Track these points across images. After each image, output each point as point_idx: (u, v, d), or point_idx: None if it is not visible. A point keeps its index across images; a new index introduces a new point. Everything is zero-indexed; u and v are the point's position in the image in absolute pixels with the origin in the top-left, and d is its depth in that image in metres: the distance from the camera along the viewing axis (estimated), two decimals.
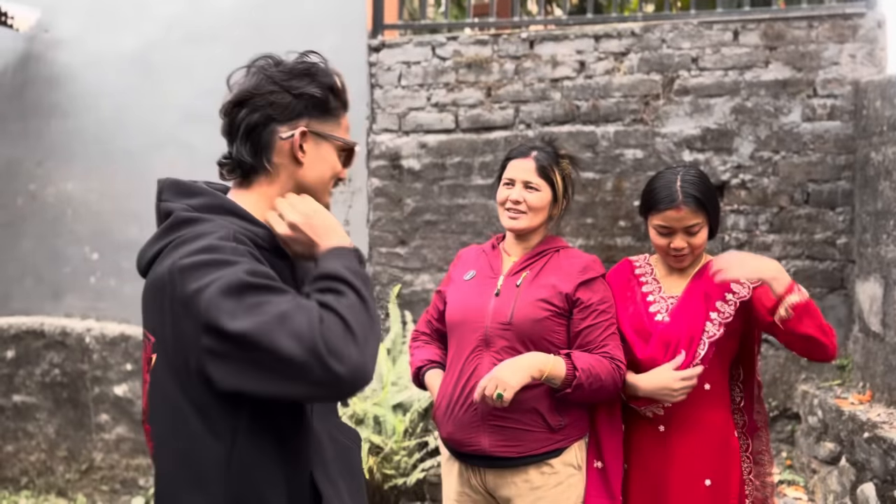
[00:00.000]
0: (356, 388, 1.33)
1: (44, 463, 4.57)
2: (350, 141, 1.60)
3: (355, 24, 4.28)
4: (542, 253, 2.31)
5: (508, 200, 2.30)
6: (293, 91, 1.51)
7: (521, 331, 2.18)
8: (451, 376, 2.27)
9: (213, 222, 1.43)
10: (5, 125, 4.73)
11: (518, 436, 2.16)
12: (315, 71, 1.56)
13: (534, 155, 2.30)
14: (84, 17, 4.60)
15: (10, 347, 4.59)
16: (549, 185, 2.28)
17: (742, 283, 2.19)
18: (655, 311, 2.30)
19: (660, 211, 2.21)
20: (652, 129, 3.94)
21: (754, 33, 3.85)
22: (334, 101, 1.58)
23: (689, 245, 2.21)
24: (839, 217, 3.76)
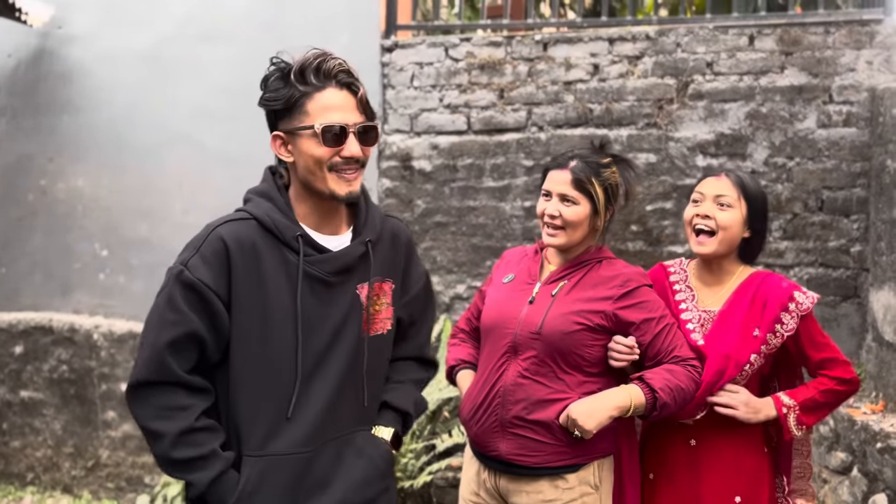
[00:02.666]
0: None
1: (50, 459, 4.57)
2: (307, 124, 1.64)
3: (368, 25, 4.27)
4: (583, 263, 2.20)
5: (545, 214, 2.19)
6: (264, 103, 1.68)
7: (549, 342, 2.11)
8: (478, 379, 2.24)
9: (255, 204, 1.71)
10: (18, 121, 4.73)
11: (536, 446, 2.11)
12: (274, 75, 1.67)
13: (572, 166, 2.16)
14: (98, 13, 4.61)
15: (19, 343, 4.59)
16: (588, 198, 2.14)
17: (791, 313, 2.15)
18: (687, 319, 2.23)
19: (702, 181, 2.24)
20: (665, 134, 3.91)
21: (770, 38, 3.83)
22: (294, 92, 1.64)
23: (716, 219, 2.15)
24: (854, 225, 3.73)
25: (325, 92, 1.65)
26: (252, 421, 1.66)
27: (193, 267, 1.63)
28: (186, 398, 1.63)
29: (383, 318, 1.81)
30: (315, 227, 1.73)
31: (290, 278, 1.67)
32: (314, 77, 1.64)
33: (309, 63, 1.64)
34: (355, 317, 1.74)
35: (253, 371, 1.66)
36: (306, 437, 1.68)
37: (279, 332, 1.66)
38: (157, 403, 1.62)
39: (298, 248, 1.67)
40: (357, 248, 1.74)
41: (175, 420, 1.61)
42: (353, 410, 1.77)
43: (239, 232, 1.66)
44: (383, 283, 1.80)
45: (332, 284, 1.71)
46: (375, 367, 1.81)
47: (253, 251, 1.65)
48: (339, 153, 1.64)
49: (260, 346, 1.66)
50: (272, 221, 1.67)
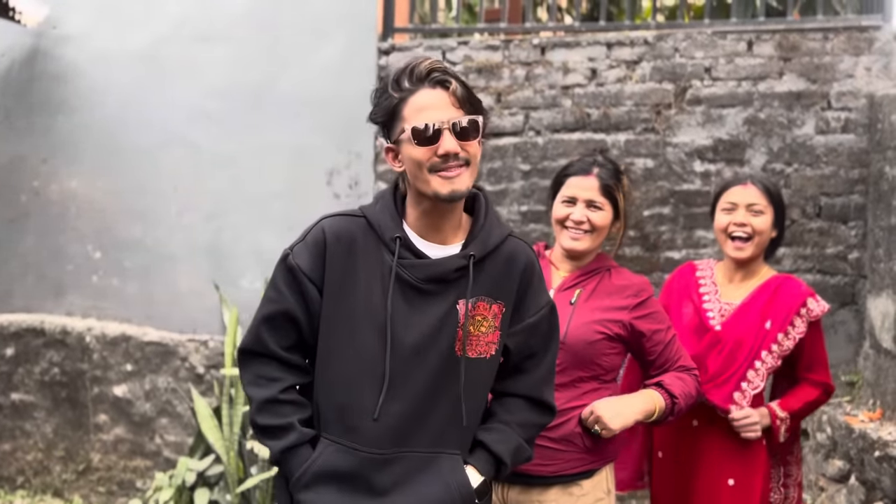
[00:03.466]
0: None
1: (41, 462, 4.52)
2: (407, 129, 1.64)
3: (365, 27, 4.25)
4: (594, 271, 2.23)
5: (570, 220, 2.20)
6: (371, 119, 1.72)
7: (573, 351, 2.12)
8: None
9: (372, 204, 1.78)
10: (11, 121, 4.69)
11: (553, 455, 2.10)
12: (377, 91, 1.71)
13: (596, 172, 2.21)
14: (92, 13, 4.57)
15: (10, 345, 4.54)
16: (612, 204, 2.21)
17: (802, 318, 2.35)
18: (707, 309, 2.42)
19: (729, 189, 2.41)
20: (663, 139, 3.90)
21: (769, 44, 3.82)
22: (391, 101, 1.66)
23: (751, 225, 2.35)
24: (851, 231, 3.72)
25: (419, 94, 1.64)
26: (332, 407, 1.70)
27: (297, 252, 1.71)
28: (278, 371, 1.71)
29: (487, 341, 1.72)
30: (423, 234, 1.72)
31: (383, 278, 1.68)
32: (407, 82, 1.65)
33: (402, 69, 1.66)
34: (448, 331, 1.68)
35: (337, 360, 1.70)
36: (379, 439, 1.66)
37: (365, 329, 1.68)
38: (254, 371, 1.73)
39: (395, 249, 1.68)
40: (455, 261, 1.69)
41: (264, 388, 1.70)
42: (443, 429, 1.69)
43: (341, 226, 1.72)
44: (493, 304, 1.72)
45: (425, 292, 1.68)
46: (473, 391, 1.72)
47: (350, 246, 1.70)
48: (435, 152, 1.62)
49: (345, 337, 1.69)
50: (377, 221, 1.72)
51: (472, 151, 1.66)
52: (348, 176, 4.26)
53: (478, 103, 1.69)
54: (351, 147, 4.23)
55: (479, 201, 1.77)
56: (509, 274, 1.74)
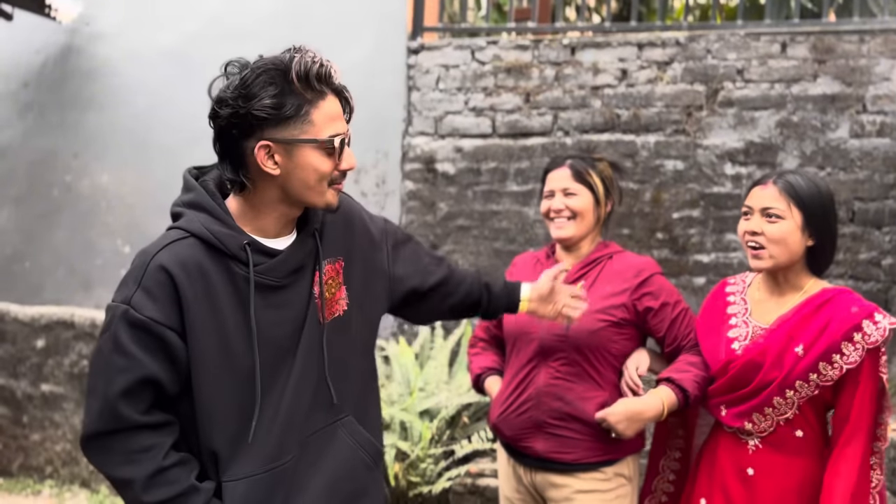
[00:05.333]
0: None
1: (69, 453, 4.58)
2: (321, 138, 1.51)
3: (395, 26, 4.25)
4: (596, 261, 2.29)
5: (551, 210, 2.31)
6: (242, 106, 1.48)
7: (577, 342, 2.19)
8: (507, 384, 2.31)
9: (188, 219, 1.55)
10: (44, 116, 4.76)
11: (573, 443, 2.19)
12: (267, 76, 1.48)
13: (568, 163, 2.32)
14: (125, 11, 4.62)
15: (41, 337, 4.61)
16: (588, 189, 2.28)
17: (856, 345, 1.92)
18: (734, 337, 2.10)
19: (750, 189, 2.07)
20: (694, 141, 3.86)
21: (803, 46, 3.76)
22: (296, 98, 1.49)
23: (764, 234, 1.99)
24: (885, 237, 3.65)
25: (328, 100, 1.53)
26: (225, 445, 1.55)
27: (138, 304, 1.48)
28: (149, 438, 1.51)
29: (338, 299, 1.68)
30: (271, 233, 1.60)
31: (240, 292, 1.53)
32: (317, 83, 1.51)
33: (309, 67, 1.49)
34: (312, 309, 1.62)
35: (218, 396, 1.54)
36: (278, 449, 1.58)
37: (238, 352, 1.54)
38: (119, 450, 1.51)
39: (247, 258, 1.53)
40: (306, 242, 1.63)
41: (141, 463, 1.50)
42: (325, 405, 1.66)
43: (180, 254, 1.51)
44: (334, 263, 1.68)
45: (284, 287, 1.59)
46: (340, 354, 1.68)
47: (200, 272, 1.51)
48: (338, 166, 1.55)
49: (221, 370, 1.54)
50: (213, 235, 1.52)
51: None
52: (375, 175, 4.26)
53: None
54: (378, 146, 4.24)
55: None
56: (347, 228, 1.74)
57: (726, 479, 2.07)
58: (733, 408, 2.05)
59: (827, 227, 2.02)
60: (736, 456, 2.06)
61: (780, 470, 2.01)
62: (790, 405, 1.98)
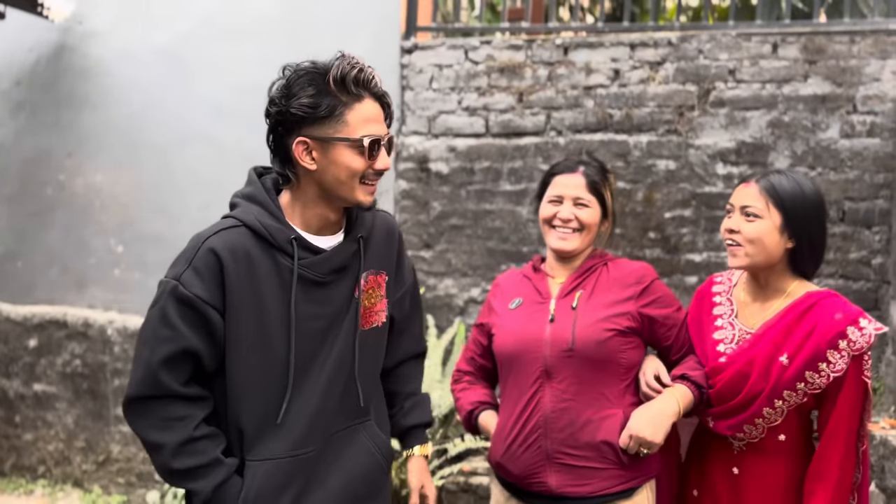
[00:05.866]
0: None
1: (61, 453, 4.58)
2: (354, 137, 1.63)
3: (388, 26, 4.26)
4: (590, 269, 2.15)
5: (557, 218, 2.14)
6: (284, 105, 1.63)
7: (585, 356, 2.02)
8: (508, 414, 2.11)
9: (243, 210, 1.68)
10: (37, 115, 4.75)
11: (588, 474, 2.01)
12: (301, 80, 1.63)
13: (582, 170, 2.15)
14: (118, 10, 4.62)
15: (33, 336, 4.60)
16: (600, 202, 2.14)
17: (841, 352, 1.91)
18: (719, 339, 2.09)
19: (735, 188, 2.07)
20: (686, 141, 3.88)
21: (794, 46, 3.78)
22: (331, 100, 1.61)
23: (742, 232, 1.97)
24: (875, 236, 3.68)
25: (364, 103, 1.65)
26: (252, 426, 1.67)
27: (187, 281, 1.61)
28: (184, 409, 1.64)
29: (378, 310, 1.81)
30: (312, 230, 1.73)
31: (284, 283, 1.66)
32: (354, 86, 1.63)
33: (347, 72, 1.63)
34: (351, 312, 1.75)
35: (250, 378, 1.66)
36: (303, 438, 1.69)
37: (274, 338, 1.67)
38: (155, 415, 1.64)
39: (292, 251, 1.66)
40: (350, 246, 1.75)
41: (175, 431, 1.62)
42: (350, 407, 1.78)
43: (231, 241, 1.64)
44: (378, 275, 1.81)
45: (326, 284, 1.71)
46: (370, 361, 1.82)
47: (247, 259, 1.64)
48: (372, 165, 1.66)
49: (256, 353, 1.66)
50: (263, 227, 1.66)
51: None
52: None
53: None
54: None
55: None
56: (389, 246, 1.87)
57: (714, 475, 2.10)
58: (722, 420, 2.05)
59: (807, 230, 1.98)
60: (722, 455, 2.09)
61: (763, 471, 2.03)
62: (780, 413, 1.98)
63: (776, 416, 1.98)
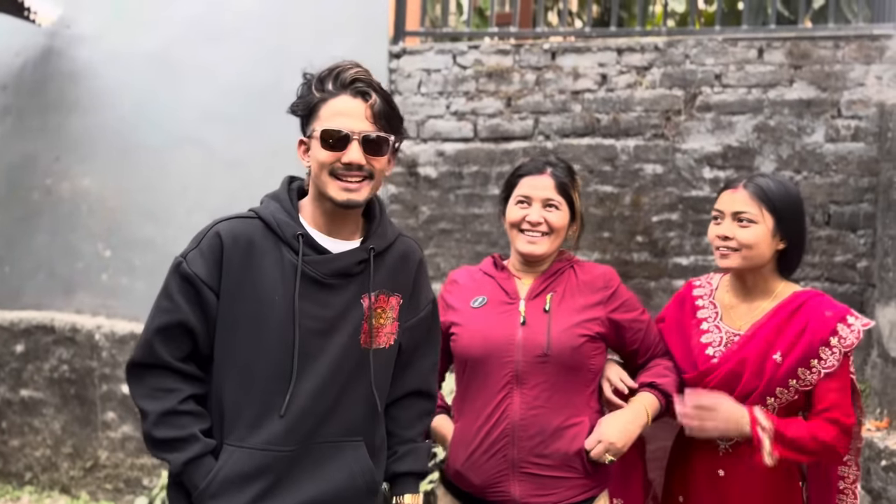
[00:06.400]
0: None
1: (48, 459, 4.55)
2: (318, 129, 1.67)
3: (377, 30, 4.27)
4: (559, 271, 2.11)
5: (525, 221, 2.07)
6: (291, 110, 1.75)
7: (559, 361, 1.97)
8: (471, 420, 2.02)
9: (264, 205, 1.76)
10: (24, 120, 4.73)
11: (553, 483, 1.97)
12: (303, 82, 1.73)
13: (550, 171, 2.09)
14: (106, 14, 4.61)
15: (20, 342, 4.58)
16: (568, 203, 2.08)
17: (832, 349, 1.94)
18: (707, 343, 2.09)
19: (721, 192, 2.06)
20: (672, 145, 3.90)
21: (779, 51, 3.82)
22: (311, 98, 1.70)
23: (736, 238, 1.98)
24: (860, 240, 3.71)
25: (339, 98, 1.69)
26: (236, 412, 1.68)
27: (191, 260, 1.69)
28: (174, 382, 1.69)
29: (387, 332, 1.79)
30: (323, 230, 1.75)
31: (286, 277, 1.68)
32: (331, 84, 1.69)
33: (329, 71, 1.70)
34: (351, 324, 1.72)
35: (238, 363, 1.69)
36: (283, 435, 1.67)
37: (269, 328, 1.68)
38: (148, 384, 1.69)
39: (298, 246, 1.69)
40: (358, 254, 1.74)
41: (160, 400, 1.67)
42: (349, 419, 1.74)
43: (237, 229, 1.71)
44: (391, 296, 1.79)
45: (329, 287, 1.71)
46: (370, 382, 1.77)
47: (249, 248, 1.69)
48: (339, 159, 1.67)
49: (247, 340, 1.68)
50: (275, 220, 1.71)
51: (378, 167, 1.71)
52: None
53: (397, 122, 1.74)
54: None
55: (374, 204, 1.83)
56: (405, 269, 1.83)
57: (699, 479, 2.10)
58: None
59: (797, 230, 2.02)
60: (707, 458, 2.09)
61: (749, 472, 2.02)
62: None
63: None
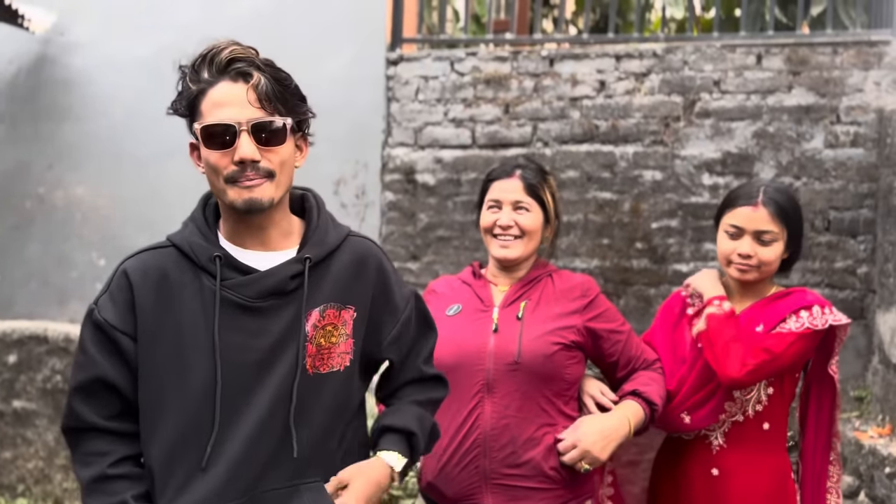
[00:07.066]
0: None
1: (41, 471, 4.49)
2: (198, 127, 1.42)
3: (374, 37, 4.25)
4: (536, 279, 2.08)
5: (496, 226, 2.06)
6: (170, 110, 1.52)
7: (530, 370, 1.94)
8: (444, 430, 1.90)
9: (180, 229, 1.56)
10: (17, 128, 4.69)
11: (527, 494, 1.93)
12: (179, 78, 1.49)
13: (519, 173, 2.08)
14: (100, 21, 4.58)
15: (12, 352, 4.52)
16: (540, 205, 2.07)
17: (799, 318, 2.02)
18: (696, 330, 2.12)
19: (735, 207, 2.07)
20: (671, 151, 3.89)
21: (778, 58, 3.81)
22: (189, 92, 1.46)
23: (757, 256, 2.04)
24: (860, 246, 3.71)
25: (218, 86, 1.43)
26: (167, 468, 1.45)
27: (102, 306, 1.49)
28: (105, 444, 1.48)
29: (339, 352, 1.50)
30: (246, 245, 1.50)
31: (207, 307, 1.44)
32: (206, 71, 1.44)
33: (201, 57, 1.44)
34: (293, 349, 1.46)
35: (164, 413, 1.45)
36: (221, 487, 1.43)
37: (194, 369, 1.44)
38: (80, 449, 1.50)
39: (215, 270, 1.44)
40: (290, 267, 1.47)
41: (91, 467, 1.47)
42: (291, 462, 1.47)
43: (146, 262, 1.49)
44: (342, 310, 1.51)
45: (258, 311, 1.45)
46: (321, 411, 1.50)
47: (161, 282, 1.47)
48: (231, 158, 1.41)
49: (171, 385, 1.45)
50: (188, 245, 1.48)
51: (277, 160, 1.43)
52: (355, 185, 4.25)
53: (294, 101, 1.46)
54: (358, 157, 4.22)
55: (309, 201, 1.58)
56: (359, 275, 1.55)
57: (692, 481, 2.09)
58: (699, 410, 2.06)
59: (801, 240, 2.13)
60: (700, 458, 2.09)
61: (745, 468, 2.05)
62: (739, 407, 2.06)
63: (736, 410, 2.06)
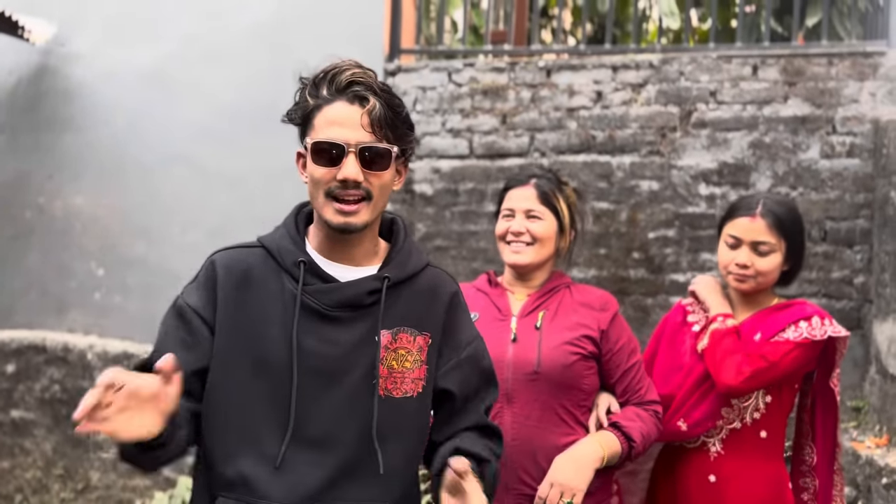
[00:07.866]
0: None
1: (39, 481, 4.49)
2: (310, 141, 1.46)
3: (372, 48, 4.27)
4: (554, 289, 2.09)
5: (509, 233, 2.09)
6: (286, 118, 1.55)
7: (550, 379, 1.94)
8: None
9: (271, 232, 1.60)
10: (17, 138, 4.71)
11: None
12: (299, 89, 1.53)
13: (534, 182, 2.11)
14: (100, 32, 4.60)
15: (11, 361, 4.53)
16: (554, 214, 2.08)
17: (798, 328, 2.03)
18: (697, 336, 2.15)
19: (734, 218, 2.10)
20: (668, 162, 3.90)
21: (774, 68, 3.83)
22: (304, 104, 1.50)
23: (754, 266, 2.06)
24: (857, 256, 3.71)
25: (334, 105, 1.46)
26: (230, 458, 1.45)
27: (187, 292, 1.54)
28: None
29: (413, 378, 1.49)
30: (331, 256, 1.53)
31: (286, 308, 1.47)
32: (326, 89, 1.47)
33: (324, 74, 1.47)
34: (363, 365, 1.47)
35: (233, 404, 1.46)
36: (289, 492, 1.42)
37: (266, 366, 1.46)
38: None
39: (298, 274, 1.48)
40: (369, 283, 1.49)
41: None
42: (365, 479, 1.46)
43: (233, 258, 1.53)
44: (417, 336, 1.51)
45: (334, 320, 1.47)
46: (399, 431, 1.49)
47: (243, 278, 1.50)
48: (335, 175, 1.44)
49: (241, 378, 1.46)
50: (277, 247, 1.52)
51: (378, 183, 1.47)
52: None
53: (402, 131, 1.50)
54: None
55: (397, 226, 1.62)
56: (433, 304, 1.56)
57: (690, 489, 2.10)
58: (693, 413, 2.08)
59: (802, 252, 2.14)
60: (697, 465, 2.09)
61: (742, 475, 2.06)
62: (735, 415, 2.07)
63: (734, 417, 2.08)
